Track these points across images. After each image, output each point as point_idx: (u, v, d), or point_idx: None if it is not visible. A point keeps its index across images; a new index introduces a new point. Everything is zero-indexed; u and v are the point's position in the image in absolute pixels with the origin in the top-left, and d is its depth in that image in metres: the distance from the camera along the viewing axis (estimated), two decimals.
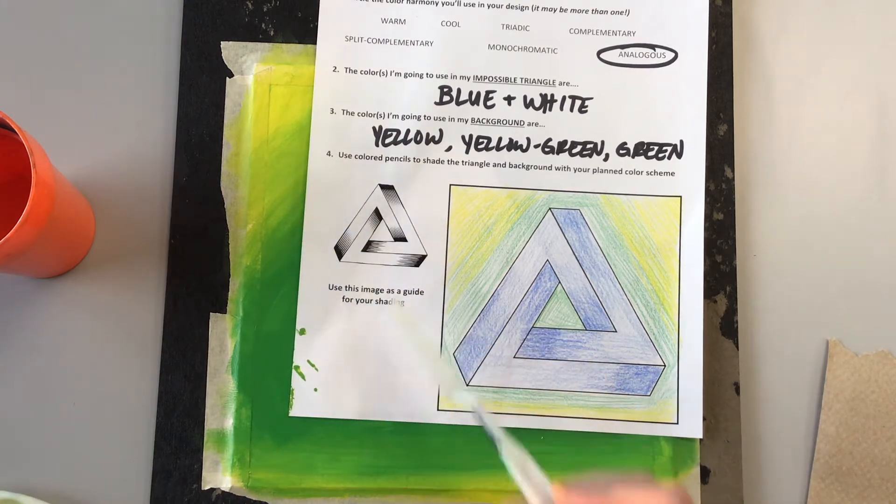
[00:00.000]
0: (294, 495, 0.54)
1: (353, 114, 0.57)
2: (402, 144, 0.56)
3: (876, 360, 0.56)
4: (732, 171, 0.57)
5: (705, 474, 0.55)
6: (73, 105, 0.58)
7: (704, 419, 0.55)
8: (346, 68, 0.57)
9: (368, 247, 0.56)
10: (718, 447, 0.55)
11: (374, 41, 0.57)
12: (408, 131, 0.57)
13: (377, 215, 0.56)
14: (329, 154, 0.56)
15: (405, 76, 0.57)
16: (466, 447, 0.55)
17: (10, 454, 0.55)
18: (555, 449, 0.55)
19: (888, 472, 0.55)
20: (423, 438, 0.55)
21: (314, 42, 0.58)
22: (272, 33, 0.58)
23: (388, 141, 0.56)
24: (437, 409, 0.55)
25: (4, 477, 0.54)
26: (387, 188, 0.56)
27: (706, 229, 0.57)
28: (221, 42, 0.58)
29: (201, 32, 0.58)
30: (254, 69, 0.57)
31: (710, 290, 0.56)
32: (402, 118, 0.57)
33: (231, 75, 0.58)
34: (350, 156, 0.56)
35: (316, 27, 0.58)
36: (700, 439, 0.55)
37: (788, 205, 0.58)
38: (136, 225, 0.57)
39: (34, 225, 0.47)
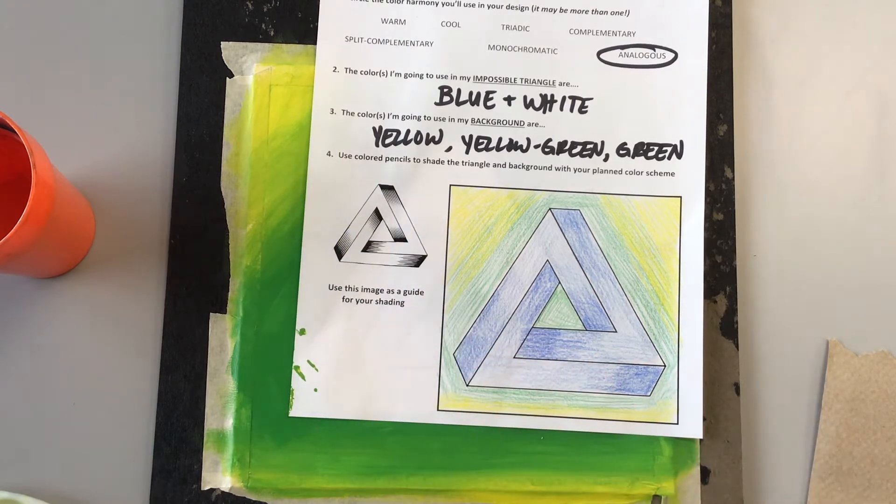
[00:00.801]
0: (294, 495, 0.54)
1: (353, 114, 0.57)
2: (402, 145, 0.56)
3: (876, 360, 0.56)
4: (732, 171, 0.57)
5: (705, 474, 0.55)
6: (73, 105, 0.58)
7: (704, 419, 0.55)
8: (346, 68, 0.57)
9: (368, 247, 0.56)
10: (718, 447, 0.55)
11: (374, 41, 0.57)
12: (408, 131, 0.57)
13: (377, 215, 0.56)
14: (329, 154, 0.56)
15: (405, 76, 0.57)
16: (466, 447, 0.55)
17: (10, 454, 0.55)
18: (555, 449, 0.55)
19: (888, 472, 0.55)
20: (423, 438, 0.55)
21: (314, 42, 0.58)
22: (272, 33, 0.58)
23: (388, 141, 0.56)
24: (437, 410, 0.55)
25: (4, 477, 0.54)
26: (387, 188, 0.56)
27: (706, 229, 0.57)
28: (221, 42, 0.58)
29: (201, 32, 0.58)
30: (254, 69, 0.57)
31: (710, 290, 0.56)
32: (402, 118, 0.57)
33: (231, 75, 0.58)
34: (350, 156, 0.56)
35: (316, 27, 0.58)
36: (700, 439, 0.55)
37: (788, 205, 0.58)
38: (136, 225, 0.57)
39: (34, 225, 0.47)
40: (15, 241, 0.46)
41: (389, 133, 0.57)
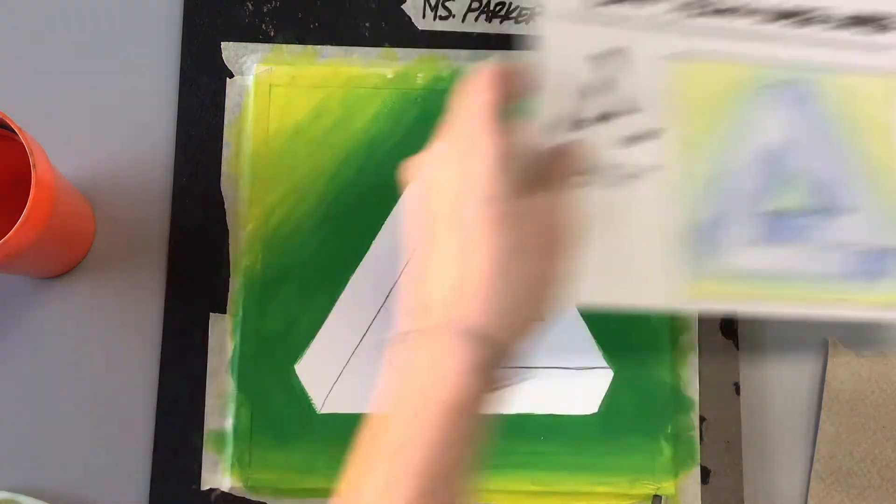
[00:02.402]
0: (294, 495, 0.54)
1: None
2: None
3: (876, 360, 0.56)
4: None
5: (705, 474, 0.55)
6: (73, 105, 0.58)
7: (704, 419, 0.55)
8: None
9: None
10: (718, 447, 0.55)
11: None
12: None
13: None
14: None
15: None
16: None
17: (10, 454, 0.55)
18: (555, 449, 0.55)
19: (888, 472, 0.55)
20: None
21: (314, 43, 0.58)
22: (272, 34, 0.58)
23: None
24: None
25: (4, 477, 0.54)
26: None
27: None
28: (221, 42, 0.58)
29: (201, 32, 0.58)
30: (254, 70, 0.57)
31: None
32: None
33: (231, 76, 0.58)
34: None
35: (316, 28, 0.58)
36: (700, 440, 0.55)
37: None
38: (136, 225, 0.57)
39: (34, 225, 0.47)
40: (15, 241, 0.46)
41: None
